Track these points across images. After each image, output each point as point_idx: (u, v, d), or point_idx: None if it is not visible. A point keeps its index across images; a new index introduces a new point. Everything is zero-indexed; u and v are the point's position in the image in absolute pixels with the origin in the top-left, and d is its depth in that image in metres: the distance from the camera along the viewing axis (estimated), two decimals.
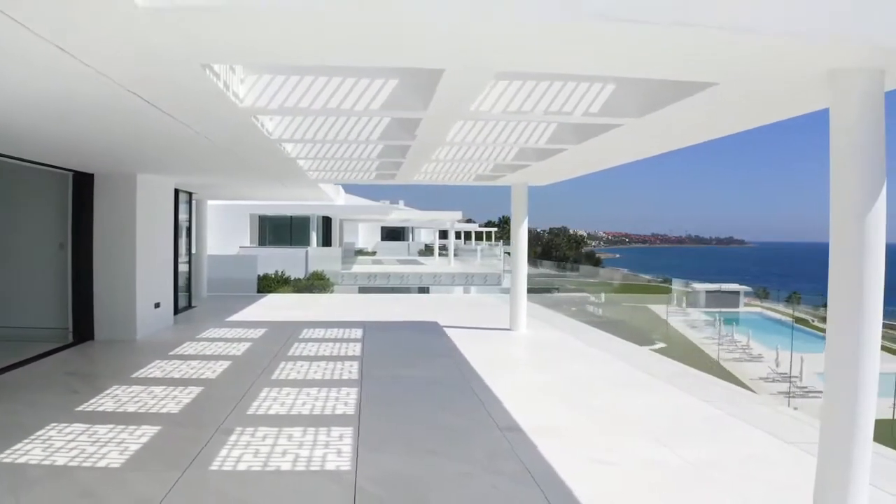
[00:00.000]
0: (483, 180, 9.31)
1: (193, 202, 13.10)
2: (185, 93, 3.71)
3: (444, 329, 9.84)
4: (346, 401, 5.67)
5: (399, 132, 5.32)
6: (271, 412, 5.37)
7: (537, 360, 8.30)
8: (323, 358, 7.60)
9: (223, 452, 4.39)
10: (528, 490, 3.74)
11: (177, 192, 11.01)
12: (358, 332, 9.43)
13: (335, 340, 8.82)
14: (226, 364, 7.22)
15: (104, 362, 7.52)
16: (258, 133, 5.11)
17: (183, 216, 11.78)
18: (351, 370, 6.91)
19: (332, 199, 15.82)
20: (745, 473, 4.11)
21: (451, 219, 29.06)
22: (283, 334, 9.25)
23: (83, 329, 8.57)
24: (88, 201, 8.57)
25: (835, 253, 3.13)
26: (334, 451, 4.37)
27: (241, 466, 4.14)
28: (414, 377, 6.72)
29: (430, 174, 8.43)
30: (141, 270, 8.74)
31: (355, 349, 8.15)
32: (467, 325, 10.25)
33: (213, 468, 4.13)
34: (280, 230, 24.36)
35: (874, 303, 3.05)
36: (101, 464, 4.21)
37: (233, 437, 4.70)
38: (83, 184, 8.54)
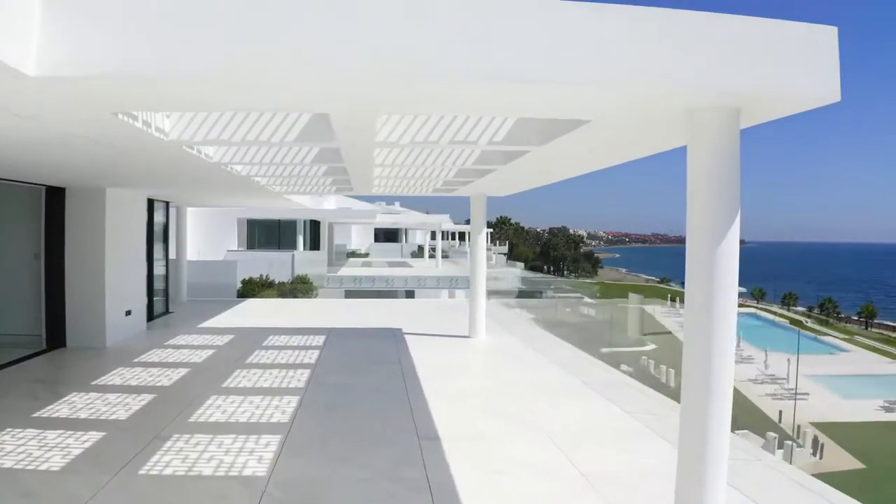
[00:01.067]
0: (441, 192, 9.68)
1: (173, 209, 13.49)
2: (107, 134, 4.08)
3: (405, 336, 10.21)
4: (284, 409, 6.04)
5: (330, 155, 5.68)
6: (211, 420, 5.73)
7: (482, 368, 8.65)
8: (277, 366, 7.97)
9: (155, 458, 4.76)
10: (420, 497, 4.09)
11: (153, 200, 11.41)
12: (320, 340, 9.80)
13: (295, 348, 9.20)
14: (183, 371, 7.60)
15: (70, 369, 7.89)
16: (197, 159, 5.48)
17: (160, 223, 12.15)
18: (300, 378, 7.28)
19: (306, 206, 16.16)
20: (633, 484, 4.43)
21: (439, 222, 29.42)
22: (248, 341, 9.63)
23: (56, 336, 8.96)
24: (60, 214, 8.96)
25: (690, 281, 3.46)
26: (256, 458, 4.74)
27: (168, 471, 4.52)
28: (357, 385, 7.08)
29: (385, 187, 8.79)
30: (111, 279, 9.12)
31: (311, 357, 8.52)
32: (429, 332, 10.61)
33: (141, 472, 4.50)
34: (268, 233, 24.76)
35: (726, 330, 3.35)
36: (43, 467, 4.59)
37: (168, 444, 5.06)
38: (55, 197, 8.93)
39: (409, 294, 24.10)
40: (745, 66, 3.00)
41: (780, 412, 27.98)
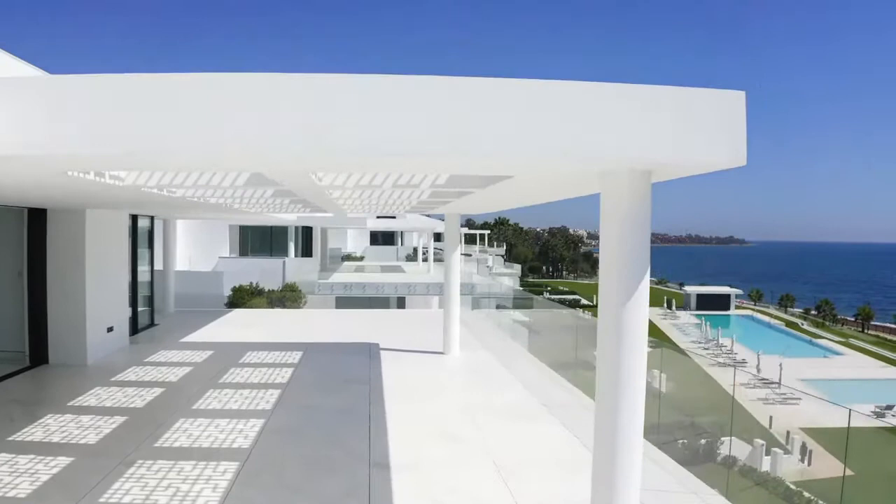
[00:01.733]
0: (417, 210, 9.91)
1: (159, 222, 13.73)
2: (64, 185, 4.32)
3: (381, 352, 10.45)
4: (247, 433, 6.28)
5: (288, 192, 5.93)
6: (176, 445, 5.98)
7: (449, 388, 8.80)
8: (249, 386, 8.21)
9: (116, 485, 5.01)
10: None
11: (137, 215, 11.65)
12: (296, 356, 10.05)
13: (270, 365, 9.44)
14: (158, 391, 7.85)
15: (48, 389, 8.14)
16: (162, 196, 5.72)
17: (145, 234, 12.38)
18: (269, 399, 7.53)
19: (295, 219, 16.40)
20: None
21: (431, 227, 29.65)
22: (226, 357, 9.87)
23: (38, 353, 9.23)
24: (42, 233, 9.23)
25: (602, 322, 3.65)
26: (211, 487, 4.99)
27: (126, 499, 4.76)
28: (323, 407, 7.32)
29: (357, 211, 9.03)
30: (92, 298, 9.37)
31: (285, 375, 8.76)
32: (405, 348, 10.84)
33: (101, 500, 4.74)
34: (261, 239, 25.02)
35: (637, 379, 3.55)
36: (11, 493, 4.84)
37: (131, 470, 5.31)
38: (37, 218, 9.20)
39: (400, 301, 24.29)
40: (655, 136, 3.08)
41: (771, 417, 28.16)
